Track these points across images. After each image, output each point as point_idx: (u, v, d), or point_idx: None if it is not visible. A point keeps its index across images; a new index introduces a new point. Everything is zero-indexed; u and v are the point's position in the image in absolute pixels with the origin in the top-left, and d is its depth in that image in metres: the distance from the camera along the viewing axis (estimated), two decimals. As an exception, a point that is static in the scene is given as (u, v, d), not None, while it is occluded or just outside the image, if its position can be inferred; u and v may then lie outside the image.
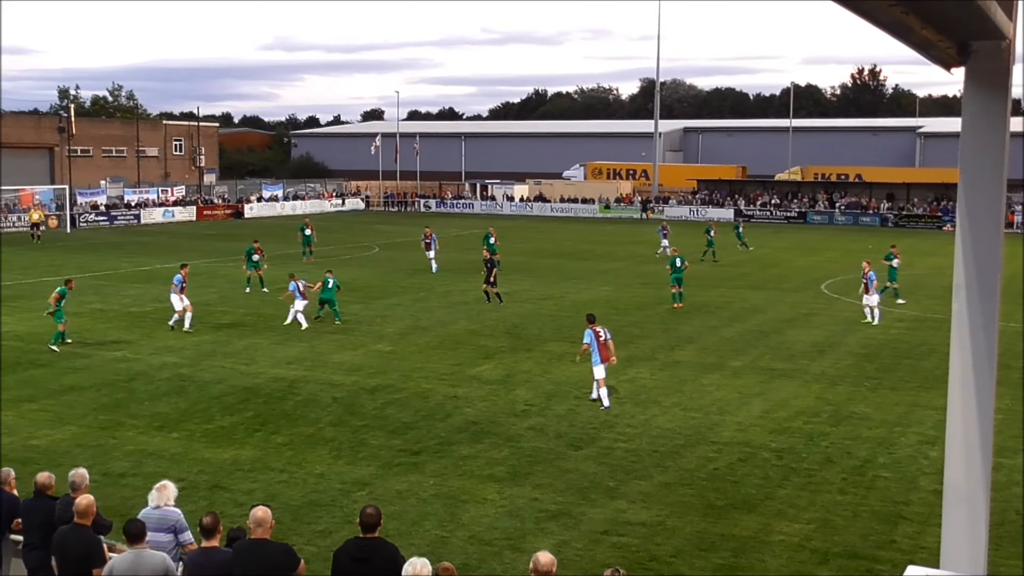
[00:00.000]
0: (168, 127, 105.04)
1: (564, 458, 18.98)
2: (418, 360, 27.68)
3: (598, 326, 23.14)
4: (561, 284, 43.86)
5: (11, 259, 52.18)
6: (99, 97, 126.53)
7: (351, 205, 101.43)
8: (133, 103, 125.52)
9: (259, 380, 25.17)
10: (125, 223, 79.38)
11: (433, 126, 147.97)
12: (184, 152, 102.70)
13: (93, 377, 25.44)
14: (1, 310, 35.21)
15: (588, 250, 59.50)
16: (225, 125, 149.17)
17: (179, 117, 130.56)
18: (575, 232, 73.87)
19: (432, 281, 44.19)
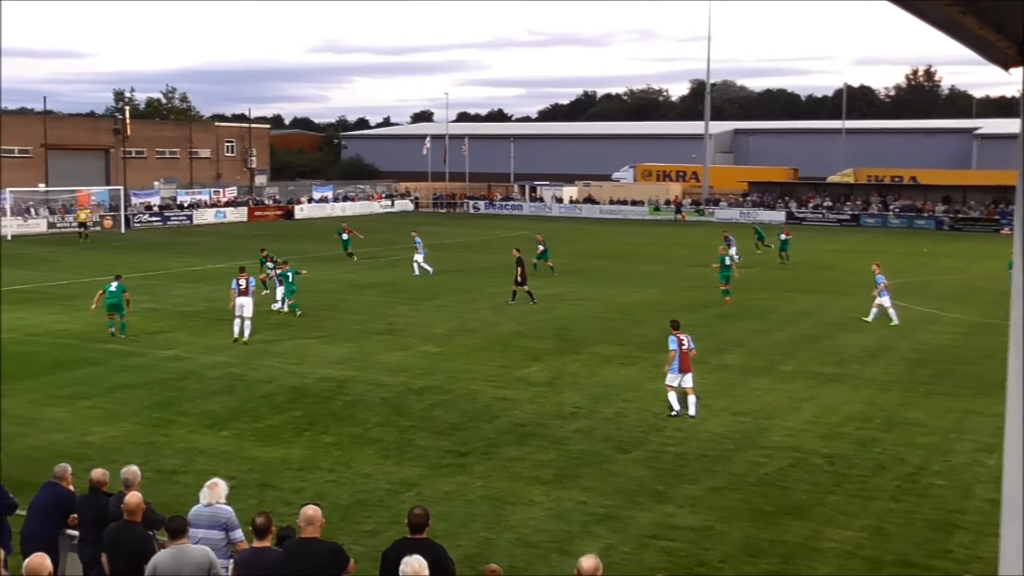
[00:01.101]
0: (220, 129, 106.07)
1: (612, 461, 18.91)
2: (465, 361, 27.72)
3: (682, 333, 22.45)
4: (609, 286, 43.74)
5: (65, 259, 52.97)
6: (153, 99, 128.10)
7: (400, 206, 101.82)
8: (186, 105, 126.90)
9: (308, 380, 25.33)
10: (178, 223, 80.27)
11: (482, 127, 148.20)
12: (236, 153, 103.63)
13: (145, 375, 25.73)
14: (1, 308, 35.89)
15: (636, 252, 59.29)
16: (276, 127, 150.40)
17: (231, 119, 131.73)
18: (623, 234, 73.66)
19: (479, 283, 44.24)
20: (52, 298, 38.69)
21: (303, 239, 62.30)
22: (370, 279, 45.43)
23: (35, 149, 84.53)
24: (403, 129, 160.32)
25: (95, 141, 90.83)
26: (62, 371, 26.22)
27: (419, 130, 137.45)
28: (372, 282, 44.53)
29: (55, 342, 30.22)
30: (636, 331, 31.50)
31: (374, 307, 37.25)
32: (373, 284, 43.90)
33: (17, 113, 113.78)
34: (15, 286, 42.27)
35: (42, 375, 25.68)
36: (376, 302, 38.55)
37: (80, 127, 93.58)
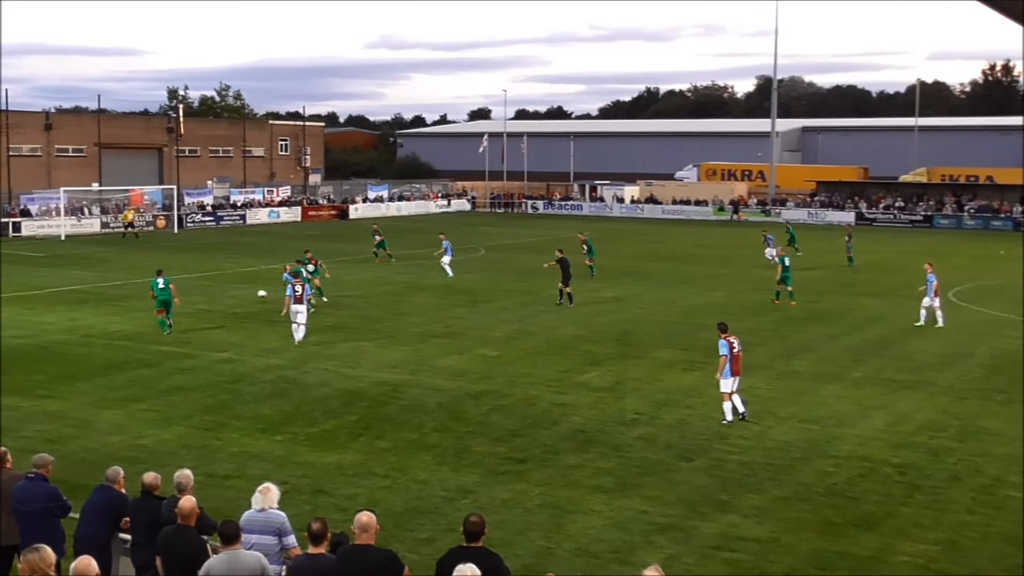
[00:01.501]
0: (274, 127, 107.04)
1: (674, 469, 18.83)
2: (524, 366, 27.74)
3: (732, 336, 22.46)
4: (672, 289, 43.57)
5: (118, 259, 53.78)
6: (207, 97, 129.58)
7: (457, 206, 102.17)
8: (240, 103, 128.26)
9: (363, 384, 25.50)
10: (231, 223, 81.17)
11: (541, 125, 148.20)
12: (290, 152, 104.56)
13: (198, 378, 26.05)
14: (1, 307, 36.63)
15: (700, 254, 59.00)
16: (331, 125, 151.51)
17: (285, 117, 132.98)
18: (687, 235, 73.34)
19: (538, 285, 44.22)
20: (106, 299, 39.29)
21: (357, 239, 62.69)
22: (427, 281, 45.62)
23: (89, 148, 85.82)
24: (460, 127, 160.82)
25: (149, 140, 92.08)
26: (116, 373, 26.63)
27: (477, 128, 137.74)
28: (429, 284, 44.71)
29: (110, 343, 30.70)
30: (700, 335, 31.32)
31: (431, 309, 37.41)
32: (430, 286, 44.08)
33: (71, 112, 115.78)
34: (69, 286, 43.00)
35: (96, 377, 26.10)
36: (433, 304, 38.71)
37: (134, 126, 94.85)
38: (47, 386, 25.03)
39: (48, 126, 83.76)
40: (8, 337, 31.51)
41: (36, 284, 43.89)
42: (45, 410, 22.80)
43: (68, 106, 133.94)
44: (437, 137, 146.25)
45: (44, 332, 32.47)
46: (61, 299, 39.51)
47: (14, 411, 22.60)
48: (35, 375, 26.24)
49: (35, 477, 12.26)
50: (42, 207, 73.70)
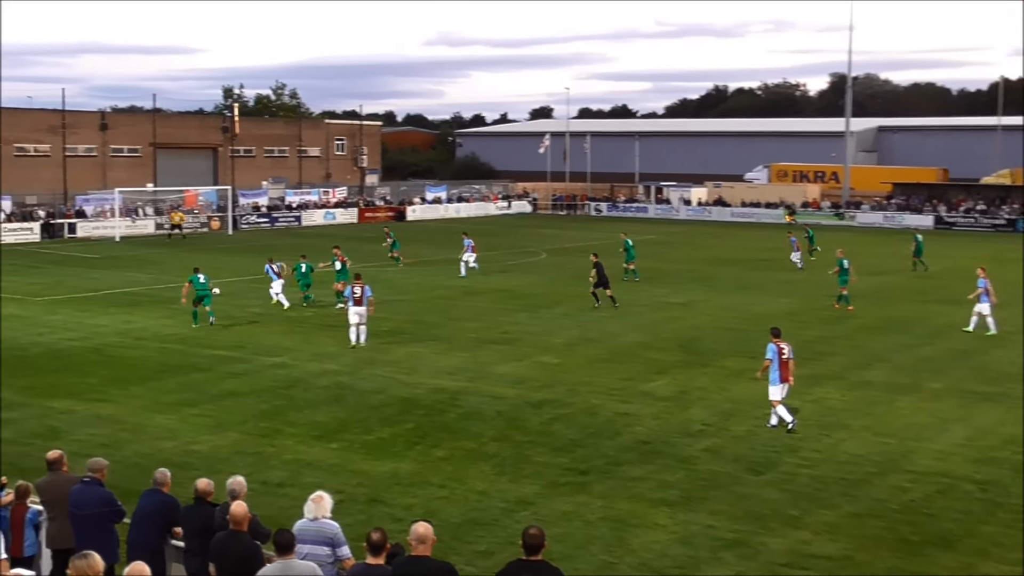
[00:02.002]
0: (330, 126, 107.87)
1: (742, 483, 18.71)
2: (586, 373, 27.70)
3: (783, 341, 22.68)
4: (740, 295, 43.29)
5: (172, 261, 54.46)
6: (262, 96, 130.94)
7: (517, 208, 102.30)
8: (296, 102, 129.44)
9: (419, 391, 25.59)
10: (286, 225, 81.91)
11: (605, 124, 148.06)
12: (346, 152, 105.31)
13: (252, 383, 26.31)
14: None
15: (770, 258, 58.49)
16: (388, 124, 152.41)
17: (341, 116, 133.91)
18: (757, 239, 72.79)
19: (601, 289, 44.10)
20: (159, 301, 39.80)
21: (415, 242, 62.98)
22: (485, 285, 45.72)
23: (144, 148, 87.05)
24: (521, 126, 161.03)
25: (203, 139, 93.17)
26: (169, 376, 26.98)
27: (538, 127, 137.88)
28: (487, 288, 44.80)
29: (163, 346, 31.12)
30: (769, 343, 31.05)
31: (489, 314, 37.49)
32: (488, 290, 44.16)
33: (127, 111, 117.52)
34: (123, 288, 43.65)
35: (149, 380, 26.47)
36: (491, 309, 38.79)
37: (189, 125, 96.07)
38: (100, 389, 25.43)
39: (104, 126, 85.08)
40: (62, 339, 32.11)
41: (90, 286, 44.63)
42: (98, 414, 23.16)
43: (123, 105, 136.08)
44: (497, 136, 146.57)
45: (98, 334, 32.99)
46: (115, 301, 40.11)
47: (68, 414, 23.01)
48: (88, 378, 26.67)
49: (91, 481, 12.46)
50: (97, 208, 74.94)
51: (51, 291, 42.96)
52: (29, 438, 20.96)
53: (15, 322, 35.11)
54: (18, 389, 25.39)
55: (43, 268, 52.34)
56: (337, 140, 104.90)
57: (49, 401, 24.22)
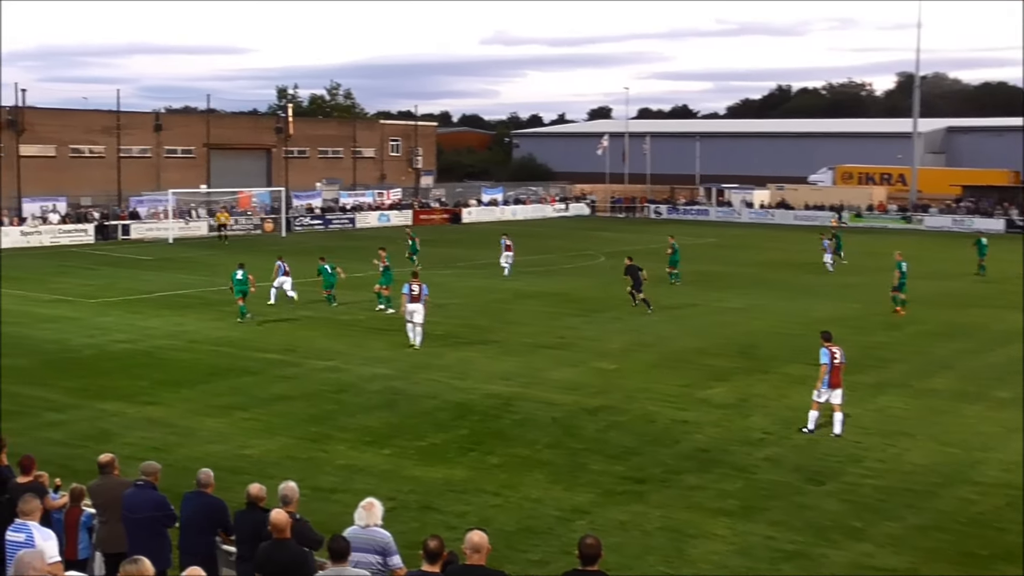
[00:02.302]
0: (385, 127, 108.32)
1: (803, 493, 18.58)
2: (642, 380, 27.63)
3: (835, 345, 22.68)
4: (802, 299, 42.98)
5: (224, 263, 54.90)
6: (316, 96, 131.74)
7: (575, 210, 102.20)
8: (350, 102, 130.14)
9: (473, 396, 25.66)
10: (340, 227, 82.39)
11: (665, 125, 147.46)
12: (401, 153, 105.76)
13: (303, 386, 26.51)
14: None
15: (834, 263, 58.04)
16: (443, 124, 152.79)
17: (396, 116, 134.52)
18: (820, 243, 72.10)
19: (658, 293, 44.00)
20: (211, 304, 40.23)
21: (469, 244, 63.18)
22: (539, 288, 45.75)
23: (197, 149, 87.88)
24: (579, 126, 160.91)
25: (257, 140, 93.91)
26: (220, 380, 27.26)
27: (596, 127, 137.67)
28: (541, 291, 44.82)
29: (214, 349, 31.45)
30: (832, 350, 30.82)
31: (543, 319, 37.51)
32: (542, 293, 44.19)
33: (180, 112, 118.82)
34: (176, 291, 44.16)
35: (200, 383, 26.76)
36: (546, 313, 38.80)
37: (242, 126, 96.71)
38: (151, 392, 25.75)
39: (158, 127, 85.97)
40: (113, 341, 32.57)
41: (143, 288, 45.21)
42: (149, 416, 23.46)
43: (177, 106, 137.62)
44: (554, 137, 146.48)
45: (149, 337, 33.41)
46: (167, 303, 40.60)
47: (118, 417, 23.33)
48: (139, 380, 27.01)
49: (144, 485, 12.61)
50: (151, 209, 75.85)
51: (104, 293, 43.58)
52: (80, 440, 21.29)
53: (67, 324, 35.67)
54: (69, 391, 25.80)
55: (96, 269, 53.11)
56: (392, 141, 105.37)
57: (100, 403, 24.57)
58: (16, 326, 34.93)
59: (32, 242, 66.22)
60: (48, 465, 15.45)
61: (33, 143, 77.42)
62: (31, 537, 11.07)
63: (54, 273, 50.71)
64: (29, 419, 22.89)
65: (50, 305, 40.03)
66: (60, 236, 68.18)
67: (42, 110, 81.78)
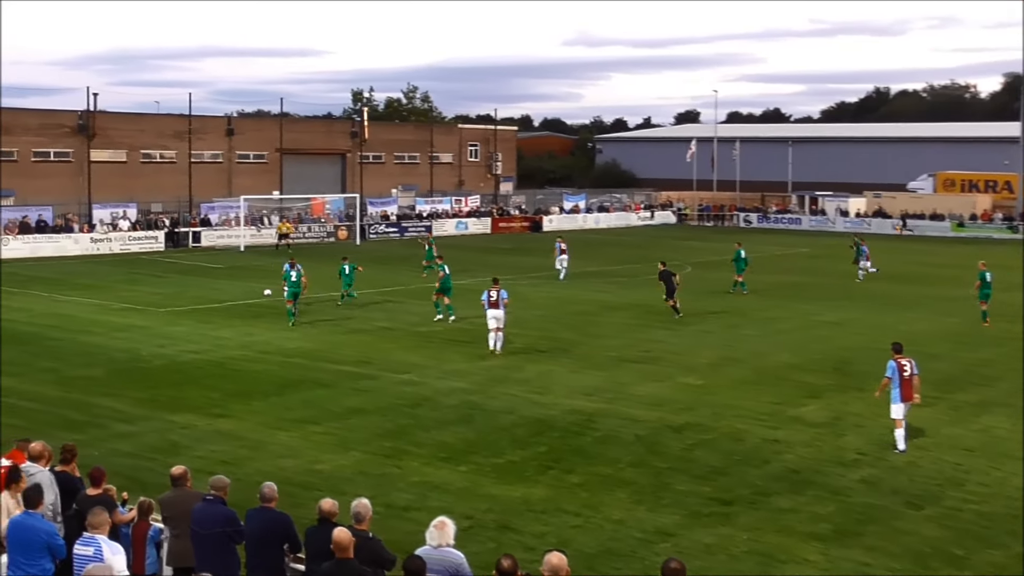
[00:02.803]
0: (463, 131, 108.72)
1: (901, 517, 18.33)
2: (731, 396, 27.46)
3: (904, 357, 22.75)
4: (899, 313, 42.42)
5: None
6: (393, 99, 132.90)
7: (661, 218, 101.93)
8: (428, 105, 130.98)
9: (553, 411, 25.66)
10: (415, 235, 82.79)
11: (755, 129, 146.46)
12: (480, 158, 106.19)
13: (377, 400, 26.70)
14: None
15: (933, 274, 57.27)
16: (524, 129, 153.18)
17: (475, 120, 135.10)
18: (919, 253, 71.36)
19: (747, 305, 43.75)
20: (283, 314, 40.59)
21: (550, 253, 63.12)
22: (623, 299, 45.66)
23: (270, 154, 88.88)
24: (665, 131, 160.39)
25: (331, 145, 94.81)
26: (292, 392, 27.55)
27: (684, 132, 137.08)
28: (627, 302, 44.75)
29: (286, 361, 31.80)
30: (931, 366, 30.32)
31: (628, 331, 37.44)
32: (628, 305, 44.11)
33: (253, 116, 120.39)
34: (247, 300, 44.72)
35: (272, 396, 27.07)
36: (631, 325, 38.73)
37: (316, 130, 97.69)
38: (221, 404, 26.10)
39: (230, 131, 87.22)
40: (184, 351, 33.07)
41: (214, 297, 45.87)
42: (219, 429, 23.78)
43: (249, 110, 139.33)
44: (640, 142, 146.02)
45: (220, 347, 33.88)
46: (238, 313, 41.16)
47: (188, 429, 23.67)
48: (210, 392, 27.40)
49: (213, 499, 12.79)
50: (222, 216, 76.96)
51: (174, 302, 44.29)
52: (150, 453, 21.64)
53: (137, 333, 36.31)
54: (139, 402, 26.25)
55: (166, 277, 53.97)
56: (470, 146, 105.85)
57: (170, 415, 24.96)
58: (87, 335, 35.69)
59: (102, 249, 67.65)
60: (117, 477, 15.74)
61: (104, 148, 79.01)
62: (100, 551, 11.30)
63: (124, 281, 51.64)
64: (99, 430, 23.36)
65: (120, 314, 40.80)
66: (130, 243, 69.51)
67: (113, 114, 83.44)
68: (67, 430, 22.30)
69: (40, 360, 31.45)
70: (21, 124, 75.70)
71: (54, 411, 25.23)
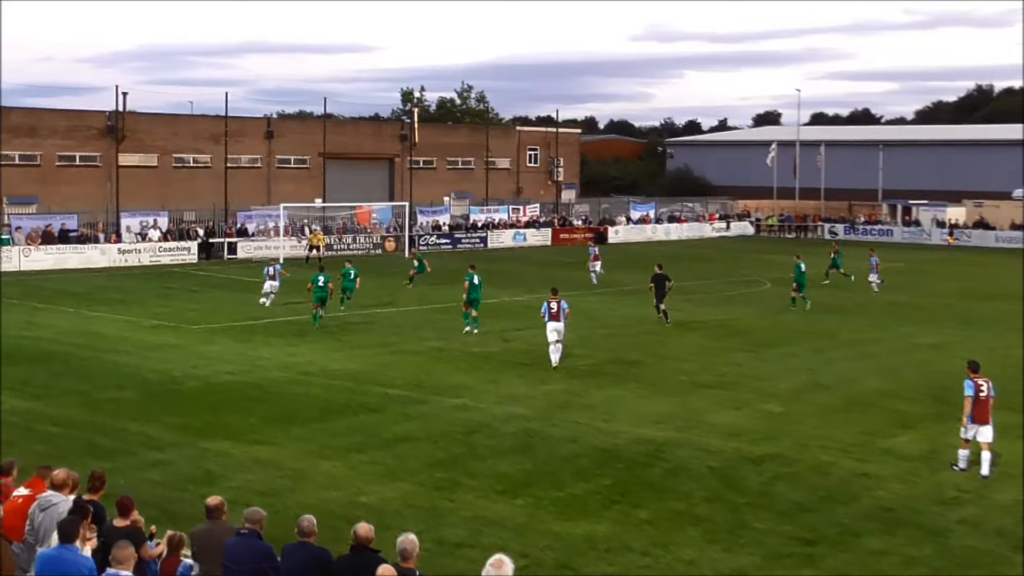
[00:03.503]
0: (522, 134, 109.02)
1: (1006, 563, 18.12)
2: (816, 425, 27.26)
3: (981, 377, 23.00)
4: (1006, 335, 41.91)
5: (343, 286, 55.88)
6: (446, 100, 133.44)
7: (737, 229, 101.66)
8: (484, 106, 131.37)
9: (619, 441, 25.59)
10: (470, 246, 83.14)
11: (842, 132, 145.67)
12: (540, 164, 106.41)
13: (428, 427, 26.74)
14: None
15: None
16: (588, 132, 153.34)
17: (535, 123, 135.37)
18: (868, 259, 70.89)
19: (835, 326, 43.42)
20: (327, 332, 40.88)
21: (614, 267, 63.12)
22: (698, 318, 45.48)
23: (312, 159, 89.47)
24: (743, 134, 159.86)
25: (378, 149, 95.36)
26: (336, 418, 27.66)
27: (763, 135, 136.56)
28: (700, 321, 44.59)
29: (329, 383, 31.93)
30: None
31: (703, 353, 37.29)
32: (701, 324, 43.95)
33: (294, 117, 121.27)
34: (288, 317, 45.00)
35: (314, 422, 27.17)
36: (705, 347, 38.58)
37: (362, 132, 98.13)
38: (259, 430, 26.23)
39: (269, 133, 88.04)
40: (219, 372, 33.32)
41: (252, 313, 46.17)
42: (256, 457, 23.90)
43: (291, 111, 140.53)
44: (715, 146, 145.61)
45: (259, 368, 34.10)
46: (278, 331, 41.39)
47: (223, 457, 23.81)
48: (247, 416, 27.55)
49: (248, 533, 12.85)
50: (260, 225, 77.35)
51: (208, 318, 44.66)
52: (182, 482, 21.78)
53: (169, 352, 36.61)
54: (171, 427, 26.44)
55: (200, 292, 54.47)
56: (530, 150, 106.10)
57: (204, 441, 25.12)
58: (116, 354, 36.04)
59: (130, 261, 68.13)
60: (147, 508, 15.88)
61: (134, 152, 79.98)
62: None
63: (155, 296, 52.11)
64: (129, 457, 23.55)
65: (152, 331, 41.15)
66: (160, 255, 69.87)
67: (144, 115, 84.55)
68: (94, 457, 22.51)
69: (66, 381, 31.79)
70: (46, 126, 76.86)
71: (80, 436, 25.48)
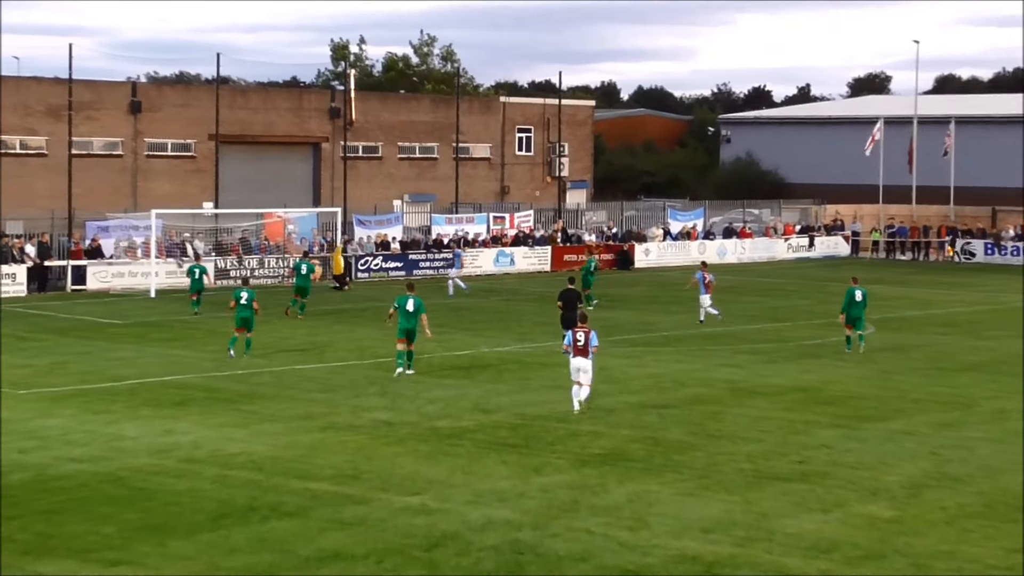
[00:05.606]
0: (508, 108, 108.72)
1: None
2: (941, 539, 27.21)
3: None
4: None
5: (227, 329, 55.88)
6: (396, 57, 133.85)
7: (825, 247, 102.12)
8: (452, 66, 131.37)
9: (651, 559, 25.48)
10: (431, 272, 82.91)
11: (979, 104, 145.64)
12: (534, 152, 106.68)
13: (371, 539, 26.52)
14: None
15: None
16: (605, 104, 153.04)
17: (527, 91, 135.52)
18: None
19: (973, 389, 43.40)
20: (222, 396, 40.75)
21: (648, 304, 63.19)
22: (767, 379, 45.50)
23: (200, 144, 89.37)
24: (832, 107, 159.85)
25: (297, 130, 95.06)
26: (235, 526, 27.46)
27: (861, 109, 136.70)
28: (771, 384, 44.61)
29: (226, 474, 31.78)
30: None
31: (774, 429, 37.32)
32: (775, 389, 43.95)
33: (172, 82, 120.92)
34: (163, 376, 44.80)
35: (203, 532, 27.01)
36: (778, 420, 38.59)
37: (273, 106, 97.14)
38: (120, 546, 25.96)
39: (135, 105, 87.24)
40: (62, 459, 33.08)
41: (111, 371, 46.01)
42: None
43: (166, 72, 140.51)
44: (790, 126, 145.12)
45: (119, 451, 33.92)
46: (151, 395, 41.21)
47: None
48: (102, 525, 27.28)
49: None
50: (121, 240, 76.52)
51: (46, 379, 44.47)
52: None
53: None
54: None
55: (33, 340, 54.16)
56: (520, 132, 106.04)
57: (35, 564, 24.88)
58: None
59: None
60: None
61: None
62: None
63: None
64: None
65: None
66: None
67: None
68: None
69: None
70: None
71: None
